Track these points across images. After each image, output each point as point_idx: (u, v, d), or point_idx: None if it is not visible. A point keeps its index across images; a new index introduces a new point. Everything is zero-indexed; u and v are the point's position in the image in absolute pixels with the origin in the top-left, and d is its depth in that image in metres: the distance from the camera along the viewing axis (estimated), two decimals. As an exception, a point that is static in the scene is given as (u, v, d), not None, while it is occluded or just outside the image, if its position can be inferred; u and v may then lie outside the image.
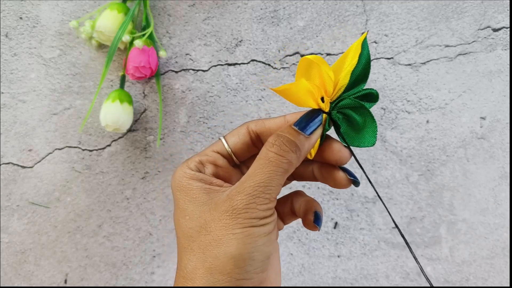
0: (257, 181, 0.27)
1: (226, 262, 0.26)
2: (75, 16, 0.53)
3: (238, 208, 0.26)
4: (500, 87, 0.56)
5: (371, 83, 0.55)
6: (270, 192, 0.27)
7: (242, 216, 0.26)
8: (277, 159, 0.27)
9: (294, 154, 0.28)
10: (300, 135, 0.28)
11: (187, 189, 0.29)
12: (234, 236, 0.26)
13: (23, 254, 0.52)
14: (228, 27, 0.54)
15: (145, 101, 0.53)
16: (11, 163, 0.52)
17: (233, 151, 0.32)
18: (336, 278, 0.54)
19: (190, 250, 0.27)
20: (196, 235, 0.27)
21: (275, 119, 0.32)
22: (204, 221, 0.27)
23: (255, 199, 0.26)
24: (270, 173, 0.27)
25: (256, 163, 0.28)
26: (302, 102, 0.29)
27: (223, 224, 0.26)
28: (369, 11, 0.55)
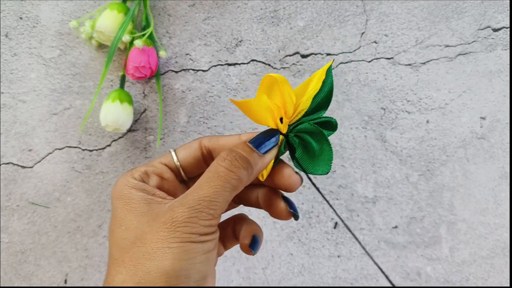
0: (202, 195, 0.25)
1: (157, 277, 0.24)
2: (75, 16, 0.53)
3: (178, 220, 0.24)
4: (500, 87, 0.56)
5: (371, 83, 0.55)
6: (214, 208, 0.25)
7: (181, 229, 0.24)
8: (226, 174, 0.26)
9: (245, 171, 0.26)
10: (254, 153, 0.27)
11: (127, 198, 0.27)
12: (170, 250, 0.24)
13: (23, 254, 0.52)
14: (228, 27, 0.54)
15: (145, 101, 0.53)
16: (11, 163, 0.52)
17: (182, 165, 0.30)
18: (336, 278, 0.54)
19: (121, 262, 0.25)
20: (130, 246, 0.25)
21: (230, 137, 0.30)
22: (140, 232, 0.25)
23: (197, 213, 0.25)
24: (217, 188, 0.25)
25: (204, 176, 0.26)
26: (260, 119, 0.28)
27: (160, 237, 0.24)
28: (369, 11, 0.55)
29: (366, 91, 0.55)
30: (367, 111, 0.55)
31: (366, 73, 0.55)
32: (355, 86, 0.55)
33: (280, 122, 0.28)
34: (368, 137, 0.55)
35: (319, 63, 0.55)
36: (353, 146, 0.54)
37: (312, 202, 0.54)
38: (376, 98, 0.55)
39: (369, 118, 0.55)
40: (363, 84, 0.55)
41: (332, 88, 0.29)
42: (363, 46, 0.55)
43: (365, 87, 0.55)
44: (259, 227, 0.31)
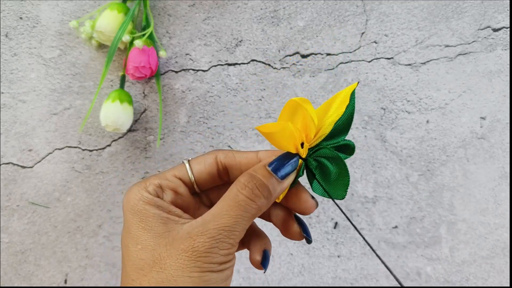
0: (222, 224, 0.25)
1: None
2: (75, 16, 0.53)
3: (199, 250, 0.25)
4: (500, 87, 0.56)
5: (371, 83, 0.55)
6: (233, 237, 0.25)
7: (202, 260, 0.24)
8: (247, 204, 0.26)
9: (265, 200, 0.26)
10: (273, 178, 0.27)
11: (142, 215, 0.26)
12: (191, 279, 0.24)
13: (23, 254, 0.52)
14: (228, 27, 0.54)
15: (145, 101, 0.53)
16: (11, 163, 0.52)
17: (196, 180, 0.30)
18: (336, 278, 0.54)
19: (138, 283, 0.25)
20: (148, 269, 0.25)
21: (247, 153, 0.30)
22: (158, 256, 0.25)
23: (218, 243, 0.25)
24: (237, 218, 0.25)
25: (223, 202, 0.26)
26: (282, 145, 0.28)
27: (180, 265, 0.24)
28: (369, 11, 0.55)
29: (366, 91, 0.55)
30: (367, 111, 0.55)
31: (366, 73, 0.55)
32: (355, 86, 0.55)
33: (301, 146, 0.28)
34: (368, 137, 0.55)
35: (319, 63, 0.55)
36: (353, 146, 0.54)
37: (312, 202, 0.54)
38: (376, 98, 0.55)
39: (369, 118, 0.55)
40: (363, 84, 0.55)
41: (353, 112, 0.28)
42: (363, 46, 0.55)
43: (365, 87, 0.55)
44: (269, 241, 0.31)
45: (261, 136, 0.54)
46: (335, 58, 0.55)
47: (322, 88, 0.55)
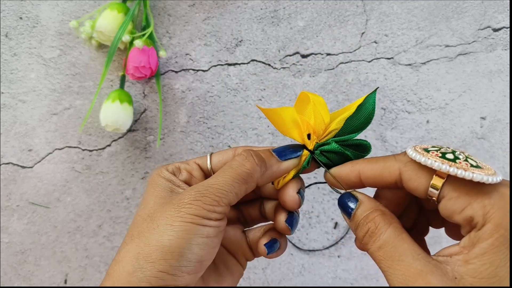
0: (211, 182, 0.27)
1: (154, 250, 0.25)
2: (75, 16, 0.53)
3: (184, 201, 0.26)
4: (500, 87, 0.56)
5: (371, 83, 0.55)
6: (220, 195, 0.26)
7: (185, 210, 0.26)
8: (238, 166, 0.27)
9: (258, 167, 0.28)
10: (272, 157, 0.28)
11: (155, 185, 0.29)
12: (171, 227, 0.25)
13: (23, 254, 0.52)
14: (228, 27, 0.54)
15: (145, 101, 0.53)
16: (11, 163, 0.52)
17: (213, 169, 0.31)
18: (336, 278, 0.54)
19: (130, 236, 0.27)
20: (141, 222, 0.27)
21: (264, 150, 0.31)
22: (153, 211, 0.27)
23: (202, 197, 0.26)
24: (226, 177, 0.27)
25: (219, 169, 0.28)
26: (285, 130, 0.29)
27: (166, 215, 0.26)
28: (369, 11, 0.55)
29: (366, 91, 0.55)
30: (367, 111, 0.55)
31: (366, 73, 0.55)
32: (355, 86, 0.55)
33: (308, 138, 0.29)
34: (368, 137, 0.55)
35: (319, 63, 0.55)
36: (353, 146, 0.55)
37: (312, 202, 0.54)
38: (377, 98, 0.55)
39: (369, 118, 0.55)
40: (363, 84, 0.55)
41: (372, 112, 0.29)
42: (363, 46, 0.55)
43: (365, 87, 0.55)
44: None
45: (261, 136, 0.54)
46: (335, 58, 0.55)
47: (322, 88, 0.55)
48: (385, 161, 0.27)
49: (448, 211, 0.24)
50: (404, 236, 0.25)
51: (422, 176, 0.25)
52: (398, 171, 0.26)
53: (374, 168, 0.27)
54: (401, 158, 0.26)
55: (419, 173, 0.25)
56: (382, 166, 0.27)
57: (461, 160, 0.24)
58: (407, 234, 0.25)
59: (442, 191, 0.24)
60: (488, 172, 0.23)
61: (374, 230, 0.25)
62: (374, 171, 0.27)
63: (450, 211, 0.24)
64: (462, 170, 0.23)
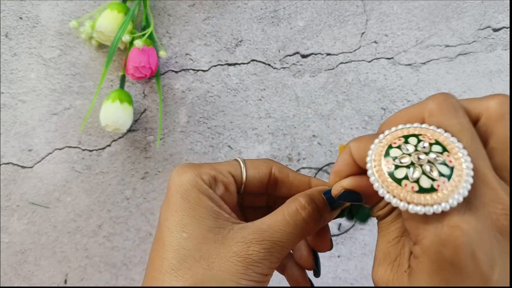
0: (277, 239, 0.25)
1: None
2: (75, 16, 0.53)
3: (253, 259, 0.25)
4: (500, 87, 0.56)
5: (371, 83, 0.55)
6: (283, 253, 0.26)
7: (253, 268, 0.25)
8: (303, 225, 0.26)
9: (318, 225, 0.27)
10: (326, 207, 0.27)
11: (195, 203, 0.26)
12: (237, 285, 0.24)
13: (23, 254, 0.52)
14: (228, 27, 0.54)
15: (145, 101, 0.53)
16: (11, 163, 0.52)
17: (247, 184, 0.30)
18: (336, 278, 0.54)
19: (180, 276, 0.25)
20: (193, 262, 0.25)
21: (300, 176, 0.30)
22: (206, 252, 0.25)
23: (270, 256, 0.25)
24: (292, 236, 0.26)
25: (280, 216, 0.26)
26: None
27: (230, 268, 0.24)
28: (369, 11, 0.55)
29: (366, 91, 0.55)
30: (367, 111, 0.55)
31: (366, 73, 0.55)
32: (355, 86, 0.55)
33: None
34: (368, 137, 0.55)
35: (319, 63, 0.55)
36: (353, 146, 0.54)
37: (312, 202, 0.54)
38: (376, 98, 0.55)
39: (369, 118, 0.55)
40: (363, 84, 0.55)
41: None
42: (363, 46, 0.55)
43: (365, 87, 0.55)
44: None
45: (261, 136, 0.54)
46: (335, 58, 0.55)
47: (322, 88, 0.55)
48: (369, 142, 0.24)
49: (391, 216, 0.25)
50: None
51: None
52: None
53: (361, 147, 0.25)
54: None
55: None
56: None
57: (409, 181, 0.20)
58: None
59: None
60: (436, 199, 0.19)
61: None
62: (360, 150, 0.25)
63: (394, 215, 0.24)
64: (397, 199, 0.20)
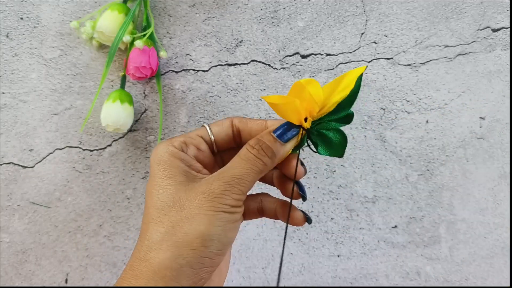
0: (235, 173, 0.30)
1: (194, 238, 0.28)
2: (76, 16, 0.54)
3: (215, 192, 0.29)
4: (500, 87, 0.57)
5: (371, 83, 0.55)
6: (243, 185, 0.29)
7: (217, 200, 0.29)
8: (255, 160, 0.30)
9: (269, 159, 0.31)
10: (276, 142, 0.31)
11: (167, 165, 0.31)
12: (206, 216, 0.28)
13: (24, 253, 0.52)
14: (228, 27, 0.55)
15: (146, 101, 0.54)
16: (12, 163, 0.52)
17: (215, 140, 0.34)
18: (336, 277, 0.54)
19: (159, 222, 0.29)
20: (168, 209, 0.29)
21: (257, 121, 0.34)
22: (178, 198, 0.29)
23: (231, 187, 0.29)
24: (247, 169, 0.30)
25: (236, 158, 0.31)
26: (286, 117, 0.31)
27: (198, 204, 0.28)
28: (369, 12, 0.56)
29: (365, 91, 0.55)
30: (366, 111, 0.55)
31: (366, 73, 0.55)
32: (355, 86, 0.55)
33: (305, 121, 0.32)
34: (367, 137, 0.55)
35: (318, 63, 0.55)
36: (353, 146, 0.55)
37: (312, 202, 0.54)
38: (376, 98, 0.55)
39: (369, 118, 0.55)
40: (362, 84, 0.55)
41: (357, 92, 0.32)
42: (363, 46, 0.55)
43: (364, 87, 0.55)
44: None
45: (261, 136, 0.54)
46: (335, 59, 0.55)
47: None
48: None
49: None
50: None
51: None
52: None
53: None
54: None
55: None
56: None
57: None
58: None
59: None
60: None
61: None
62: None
63: None
64: None
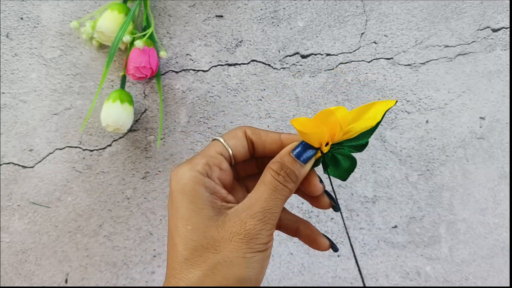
0: (265, 207, 0.28)
1: (234, 282, 0.27)
2: (76, 16, 0.54)
3: (251, 233, 0.28)
4: (500, 87, 0.57)
5: (371, 83, 0.55)
6: (274, 218, 0.29)
7: (254, 241, 0.28)
8: (282, 189, 0.29)
9: (294, 184, 0.30)
10: (297, 164, 0.30)
11: (192, 196, 0.29)
12: (245, 260, 0.27)
13: (24, 253, 0.52)
14: (228, 27, 0.55)
15: (146, 101, 0.54)
16: (12, 163, 0.52)
17: (234, 156, 0.32)
18: (336, 277, 0.54)
19: (195, 264, 0.28)
20: (202, 250, 0.28)
21: (271, 134, 0.33)
22: (211, 238, 0.28)
23: (264, 225, 0.28)
24: (276, 200, 0.29)
25: (261, 188, 0.29)
26: (310, 142, 0.31)
27: (235, 247, 0.28)
28: (369, 12, 0.56)
29: (365, 91, 0.55)
30: (366, 111, 0.55)
31: (366, 73, 0.55)
32: (355, 86, 0.55)
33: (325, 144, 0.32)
34: (367, 137, 0.55)
35: (318, 63, 0.55)
36: (353, 146, 0.55)
37: (312, 202, 0.54)
38: (376, 98, 0.55)
39: (369, 118, 0.55)
40: (362, 84, 0.55)
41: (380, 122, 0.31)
42: (363, 46, 0.55)
43: (364, 87, 0.55)
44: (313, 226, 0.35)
45: (261, 136, 0.54)
46: (335, 59, 0.55)
47: (322, 88, 0.55)
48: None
49: None
50: None
51: None
52: None
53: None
54: None
55: None
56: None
57: None
58: None
59: None
60: None
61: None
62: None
63: None
64: None
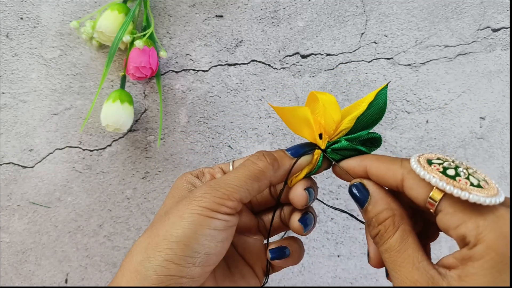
0: (223, 178, 0.28)
1: (161, 240, 0.26)
2: (76, 16, 0.54)
3: (195, 195, 0.27)
4: (500, 87, 0.57)
5: (371, 83, 0.55)
6: (231, 189, 0.27)
7: (195, 202, 0.26)
8: (250, 165, 0.28)
9: (270, 165, 0.28)
10: (286, 156, 0.29)
11: (177, 188, 0.30)
12: (181, 219, 0.26)
13: (24, 253, 0.52)
14: (228, 27, 0.55)
15: (146, 101, 0.54)
16: (12, 163, 0.52)
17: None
18: (336, 277, 0.54)
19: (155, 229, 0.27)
20: (157, 218, 0.28)
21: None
22: (169, 208, 0.28)
23: (213, 190, 0.27)
24: (238, 174, 0.28)
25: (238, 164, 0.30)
26: (297, 128, 0.29)
27: (178, 208, 0.27)
28: (369, 12, 0.56)
29: (366, 91, 0.55)
30: (367, 111, 0.55)
31: (366, 73, 0.55)
32: (355, 86, 0.55)
33: (320, 138, 0.30)
34: (368, 137, 0.55)
35: (319, 63, 0.55)
36: (353, 146, 0.55)
37: (312, 202, 0.54)
38: (376, 98, 0.55)
39: (369, 118, 0.55)
40: (362, 84, 0.55)
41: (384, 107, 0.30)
42: (363, 46, 0.55)
43: (364, 87, 0.55)
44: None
45: (261, 136, 0.54)
46: (335, 59, 0.55)
47: (322, 88, 0.55)
48: (391, 163, 0.27)
49: (443, 225, 0.24)
50: (410, 241, 0.25)
51: (422, 187, 0.25)
52: (401, 177, 0.26)
53: (380, 167, 0.27)
54: (406, 165, 0.26)
55: (420, 183, 0.25)
56: (387, 168, 0.27)
57: (461, 177, 0.24)
58: (414, 237, 0.25)
59: (440, 204, 0.24)
60: (488, 192, 0.23)
61: (383, 233, 0.26)
62: (379, 170, 0.27)
63: (446, 225, 0.24)
64: (458, 189, 0.23)
